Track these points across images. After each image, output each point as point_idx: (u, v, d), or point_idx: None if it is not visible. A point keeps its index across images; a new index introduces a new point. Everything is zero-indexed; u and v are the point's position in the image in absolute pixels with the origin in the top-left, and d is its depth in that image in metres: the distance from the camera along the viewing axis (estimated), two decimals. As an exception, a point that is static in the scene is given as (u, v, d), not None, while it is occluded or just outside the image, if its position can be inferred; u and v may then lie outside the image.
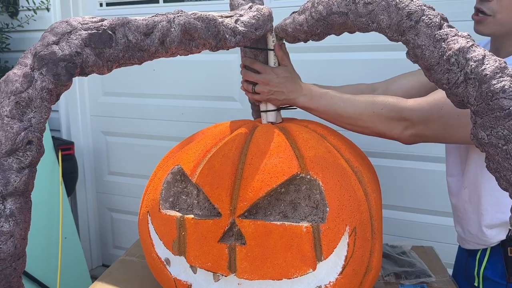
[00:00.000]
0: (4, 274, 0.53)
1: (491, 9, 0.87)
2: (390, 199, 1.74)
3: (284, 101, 0.96)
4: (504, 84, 0.53)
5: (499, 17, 0.87)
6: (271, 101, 0.97)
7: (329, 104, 0.93)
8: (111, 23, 0.62)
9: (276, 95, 0.95)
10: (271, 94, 0.95)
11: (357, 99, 0.91)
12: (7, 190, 0.53)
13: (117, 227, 2.43)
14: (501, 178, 0.55)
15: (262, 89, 0.95)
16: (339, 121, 0.94)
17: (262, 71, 0.96)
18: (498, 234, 0.97)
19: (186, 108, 2.09)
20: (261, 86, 0.95)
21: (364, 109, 0.90)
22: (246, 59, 0.98)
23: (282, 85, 0.95)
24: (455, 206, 1.06)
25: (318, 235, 0.74)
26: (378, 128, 0.90)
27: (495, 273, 0.99)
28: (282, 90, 0.95)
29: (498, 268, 0.98)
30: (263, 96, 0.96)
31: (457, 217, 1.06)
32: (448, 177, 1.07)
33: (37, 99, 0.55)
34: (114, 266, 1.11)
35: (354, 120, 0.91)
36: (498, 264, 0.98)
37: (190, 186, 0.84)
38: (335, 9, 0.73)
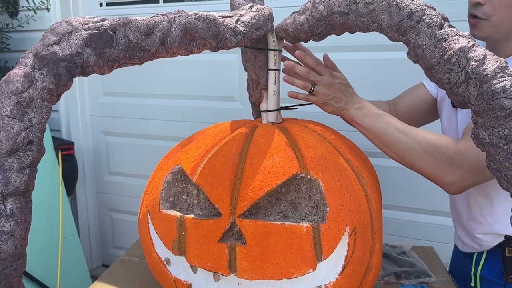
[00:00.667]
0: (4, 274, 0.53)
1: (484, 13, 0.87)
2: (390, 199, 1.74)
3: (338, 109, 0.94)
4: (505, 83, 0.53)
5: (493, 20, 0.86)
6: (325, 105, 0.95)
7: (383, 128, 0.89)
8: (112, 23, 0.62)
9: (334, 101, 0.93)
10: (329, 98, 0.93)
11: (413, 132, 0.87)
12: (8, 190, 0.53)
13: (117, 227, 2.43)
14: (502, 178, 0.55)
15: (323, 91, 0.93)
16: (387, 148, 0.91)
17: (325, 74, 0.93)
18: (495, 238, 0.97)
19: (186, 108, 2.09)
20: (322, 88, 0.93)
21: (417, 146, 0.86)
22: (310, 58, 0.94)
23: (342, 93, 0.93)
24: (458, 211, 1.06)
25: (318, 235, 0.74)
26: (425, 170, 0.87)
27: (492, 273, 0.99)
28: (340, 97, 0.93)
29: (496, 268, 0.98)
30: (320, 99, 0.94)
31: (460, 222, 1.06)
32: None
33: (38, 99, 0.55)
34: (114, 266, 1.11)
35: (403, 153, 0.88)
36: (496, 264, 0.98)
37: (190, 186, 0.84)
38: (336, 9, 0.73)
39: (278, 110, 0.98)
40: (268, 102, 0.97)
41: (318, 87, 0.94)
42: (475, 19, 0.89)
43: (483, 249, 1.00)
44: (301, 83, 0.95)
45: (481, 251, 1.01)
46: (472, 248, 1.02)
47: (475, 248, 1.01)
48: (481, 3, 0.87)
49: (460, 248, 1.09)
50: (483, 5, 0.87)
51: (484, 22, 0.87)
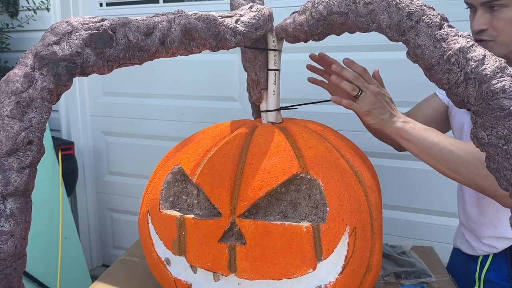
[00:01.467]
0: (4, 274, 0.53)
1: (490, 35, 0.88)
2: (390, 199, 1.74)
3: (382, 122, 0.90)
4: (504, 84, 0.53)
5: (500, 40, 0.87)
6: (369, 115, 0.91)
7: (434, 141, 0.85)
8: (112, 23, 0.62)
9: (378, 111, 0.90)
10: (374, 107, 0.90)
11: (465, 145, 0.83)
12: (8, 190, 0.53)
13: (117, 227, 2.43)
14: (501, 178, 0.55)
15: (369, 100, 0.90)
16: (439, 163, 0.86)
17: (373, 83, 0.91)
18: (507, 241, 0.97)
19: (186, 108, 2.09)
20: (368, 96, 0.90)
21: (472, 158, 0.81)
22: (357, 66, 0.92)
23: (388, 104, 0.91)
24: (469, 215, 1.05)
25: (318, 235, 0.74)
26: (482, 183, 0.81)
27: (498, 275, 0.98)
28: (387, 108, 0.90)
29: (502, 270, 0.98)
30: (365, 107, 0.90)
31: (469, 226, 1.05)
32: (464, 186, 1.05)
33: (38, 99, 0.55)
34: (114, 266, 1.11)
35: (458, 167, 0.83)
36: (502, 267, 0.98)
37: (190, 186, 0.84)
38: (335, 9, 0.73)
39: (278, 110, 0.98)
40: (268, 102, 0.97)
41: (364, 94, 0.90)
42: (482, 42, 0.89)
43: (492, 252, 0.99)
44: (349, 85, 0.91)
45: (488, 254, 1.00)
46: (481, 251, 1.01)
47: (484, 251, 1.01)
48: (484, 29, 0.88)
49: (464, 251, 1.08)
50: (486, 30, 0.88)
51: (492, 43, 0.88)
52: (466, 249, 1.07)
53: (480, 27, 0.88)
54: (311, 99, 1.16)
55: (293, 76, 1.77)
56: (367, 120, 0.92)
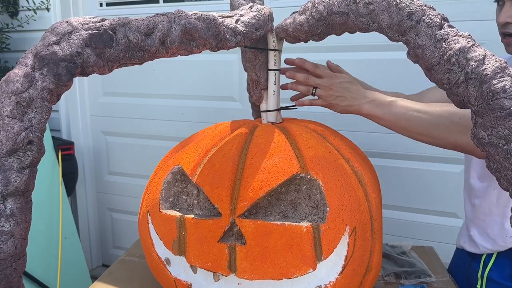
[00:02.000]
0: (4, 274, 0.53)
1: None
2: (390, 199, 1.74)
3: (347, 108, 0.94)
4: (505, 84, 0.53)
5: None
6: (332, 106, 0.96)
7: (400, 112, 0.88)
8: (112, 23, 0.62)
9: (338, 101, 0.94)
10: (333, 98, 0.94)
11: (431, 108, 0.86)
12: (8, 190, 0.53)
13: (117, 227, 2.43)
14: (502, 178, 0.55)
15: (324, 94, 0.95)
16: (410, 131, 0.88)
17: (325, 76, 0.95)
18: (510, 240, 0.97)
19: (186, 108, 2.09)
20: (323, 91, 0.95)
21: (441, 119, 0.84)
22: (308, 64, 0.97)
23: (345, 90, 0.94)
24: (477, 208, 1.04)
25: (318, 235, 0.74)
26: (456, 139, 0.84)
27: (501, 275, 0.98)
28: (345, 95, 0.93)
29: (505, 270, 0.97)
30: (324, 101, 0.95)
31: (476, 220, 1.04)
32: (472, 179, 1.05)
33: (38, 99, 0.55)
34: (114, 266, 1.11)
35: (429, 131, 0.86)
36: (505, 266, 0.98)
37: (190, 186, 0.84)
38: (335, 9, 0.73)
39: (278, 110, 0.98)
40: (268, 102, 0.97)
41: (319, 90, 0.95)
42: (508, 39, 0.90)
43: (496, 250, 0.99)
44: (303, 88, 0.97)
45: (491, 252, 1.00)
46: (484, 248, 1.01)
47: (487, 248, 1.01)
48: (510, 22, 0.88)
49: (468, 249, 1.08)
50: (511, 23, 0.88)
51: None
52: (469, 247, 1.07)
53: (506, 20, 0.88)
54: (311, 99, 1.16)
55: (293, 76, 1.77)
56: (333, 110, 0.96)
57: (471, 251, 1.06)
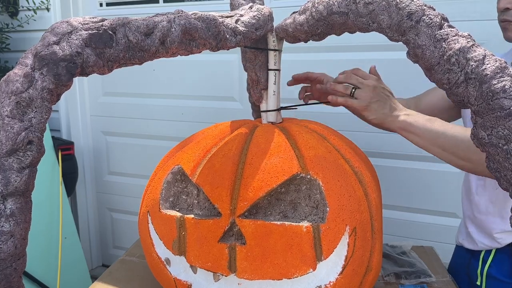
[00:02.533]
0: (4, 274, 0.53)
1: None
2: (390, 199, 1.74)
3: (383, 116, 0.88)
4: (505, 84, 0.53)
5: None
6: (368, 111, 0.89)
7: (439, 131, 0.82)
8: (112, 23, 0.62)
9: (378, 105, 0.88)
10: (373, 101, 0.88)
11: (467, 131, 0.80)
12: (8, 190, 0.53)
13: (117, 227, 2.43)
14: (502, 178, 0.55)
15: (365, 94, 0.88)
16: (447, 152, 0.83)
17: (369, 78, 0.90)
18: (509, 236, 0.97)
19: (186, 108, 2.09)
20: (364, 91, 0.88)
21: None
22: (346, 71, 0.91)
23: (387, 98, 0.88)
24: (475, 206, 1.04)
25: (318, 235, 0.74)
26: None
27: (500, 271, 0.98)
28: (387, 101, 0.88)
29: (504, 266, 0.98)
30: (363, 102, 0.88)
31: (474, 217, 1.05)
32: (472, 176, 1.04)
33: (38, 99, 0.55)
34: (114, 266, 1.11)
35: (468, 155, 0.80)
36: (504, 263, 0.98)
37: (190, 186, 0.84)
38: (335, 9, 0.73)
39: (278, 110, 0.98)
40: (268, 102, 0.97)
41: (360, 90, 0.88)
42: (505, 22, 0.90)
43: (494, 247, 1.00)
44: (341, 87, 0.90)
45: (490, 249, 1.01)
46: (483, 245, 1.02)
47: (486, 245, 1.01)
48: (509, 8, 0.89)
49: (466, 246, 1.08)
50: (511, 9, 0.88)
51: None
52: (468, 244, 1.07)
53: (506, 5, 0.88)
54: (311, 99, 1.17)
55: (293, 76, 1.77)
56: (366, 116, 0.90)
57: (470, 248, 1.06)
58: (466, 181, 1.09)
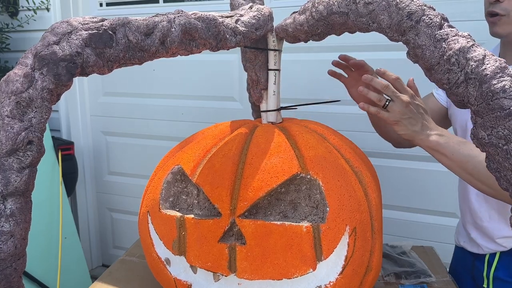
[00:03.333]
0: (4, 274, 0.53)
1: (503, 9, 0.88)
2: (390, 199, 1.74)
3: (413, 133, 0.85)
4: (505, 84, 0.53)
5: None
6: (398, 126, 0.86)
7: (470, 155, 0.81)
8: (112, 23, 0.62)
9: (409, 122, 0.85)
10: (405, 118, 0.85)
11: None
12: (8, 190, 0.53)
13: (117, 227, 2.43)
14: (502, 178, 0.55)
15: (398, 109, 0.85)
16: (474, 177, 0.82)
17: (406, 92, 0.87)
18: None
19: (186, 108, 2.09)
20: (398, 106, 0.85)
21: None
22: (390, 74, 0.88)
23: (420, 115, 0.86)
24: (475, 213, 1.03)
25: (318, 235, 0.74)
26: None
27: (508, 273, 0.98)
28: (417, 120, 0.85)
29: (511, 268, 0.97)
30: (394, 116, 0.86)
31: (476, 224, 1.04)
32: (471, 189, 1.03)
33: (38, 99, 0.55)
34: (114, 266, 1.11)
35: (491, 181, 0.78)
36: (511, 265, 0.97)
37: (190, 186, 0.84)
38: (335, 9, 0.73)
39: (278, 110, 0.98)
40: (268, 102, 0.97)
41: (393, 103, 0.86)
42: (494, 17, 0.89)
43: (499, 250, 0.99)
44: (375, 96, 0.87)
45: (495, 252, 1.00)
46: (488, 249, 1.01)
47: (491, 249, 1.00)
48: (499, 0, 0.88)
49: (469, 249, 1.07)
50: (501, 2, 0.88)
51: (505, 19, 0.88)
52: (471, 248, 1.06)
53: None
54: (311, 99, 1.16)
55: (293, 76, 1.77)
56: (397, 130, 0.87)
57: (474, 251, 1.05)
58: (463, 190, 1.08)
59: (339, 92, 1.66)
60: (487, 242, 1.01)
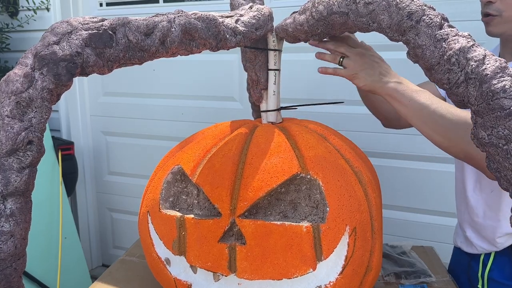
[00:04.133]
0: (4, 274, 0.53)
1: (496, 9, 0.89)
2: (390, 199, 1.74)
3: (372, 83, 0.86)
4: (505, 84, 0.53)
5: (506, 16, 0.89)
6: (356, 79, 0.88)
7: (425, 104, 0.80)
8: (112, 23, 0.62)
9: (366, 72, 0.87)
10: (361, 69, 0.87)
11: (457, 110, 0.78)
12: (8, 190, 0.53)
13: (117, 227, 2.43)
14: (502, 178, 0.55)
15: (353, 63, 0.87)
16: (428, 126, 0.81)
17: (357, 47, 0.89)
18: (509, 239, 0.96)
19: (186, 108, 2.09)
20: (352, 60, 0.88)
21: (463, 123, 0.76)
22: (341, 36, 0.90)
23: (376, 65, 0.87)
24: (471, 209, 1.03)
25: (318, 235, 0.74)
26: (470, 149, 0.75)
27: (502, 275, 0.98)
28: (374, 69, 0.86)
29: (506, 269, 0.97)
30: (350, 71, 0.88)
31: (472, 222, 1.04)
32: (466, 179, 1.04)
33: (38, 99, 0.55)
34: (114, 266, 1.11)
35: (447, 132, 0.79)
36: (505, 266, 0.97)
37: (190, 186, 0.84)
38: (335, 9, 0.73)
39: (278, 110, 0.98)
40: (268, 102, 0.97)
41: (348, 58, 0.88)
42: (488, 17, 0.91)
43: (493, 250, 0.99)
44: (329, 57, 0.91)
45: (489, 252, 1.00)
46: (482, 249, 1.01)
47: (485, 249, 1.00)
48: (491, 1, 0.89)
49: (465, 249, 1.07)
50: (494, 3, 0.89)
51: (498, 19, 0.89)
52: (466, 248, 1.07)
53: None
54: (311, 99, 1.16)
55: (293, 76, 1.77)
56: (356, 83, 0.89)
57: (469, 251, 1.06)
58: (461, 186, 1.08)
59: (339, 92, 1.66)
60: (481, 241, 1.01)
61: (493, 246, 0.99)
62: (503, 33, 0.92)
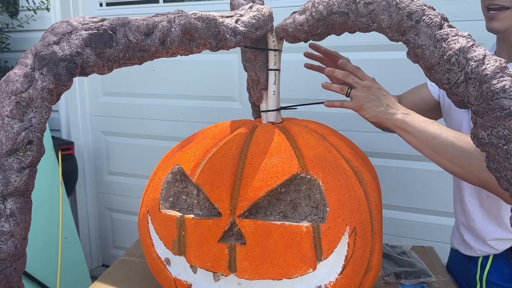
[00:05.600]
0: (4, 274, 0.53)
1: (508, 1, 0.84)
2: (390, 199, 1.74)
3: (379, 114, 0.88)
4: (505, 84, 0.53)
5: None
6: (363, 110, 0.90)
7: (435, 133, 0.81)
8: (112, 23, 0.62)
9: (373, 104, 0.89)
10: (368, 101, 0.89)
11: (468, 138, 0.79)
12: (8, 190, 0.53)
13: (117, 227, 2.43)
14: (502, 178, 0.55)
15: (360, 94, 0.89)
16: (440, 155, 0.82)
17: (365, 79, 0.91)
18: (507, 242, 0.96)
19: (186, 108, 2.09)
20: (359, 91, 0.90)
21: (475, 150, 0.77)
22: (350, 65, 0.93)
23: (383, 97, 0.89)
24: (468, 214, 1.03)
25: (318, 235, 0.74)
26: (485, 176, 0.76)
27: (500, 277, 0.97)
28: (381, 101, 0.89)
29: (504, 272, 0.97)
30: (357, 102, 0.90)
31: (468, 225, 1.04)
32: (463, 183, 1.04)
33: (38, 99, 0.55)
34: (114, 266, 1.11)
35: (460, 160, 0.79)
36: (504, 268, 0.97)
37: (190, 186, 0.84)
38: (335, 9, 0.73)
39: (278, 110, 0.98)
40: (268, 102, 0.97)
41: (355, 90, 0.90)
42: (495, 12, 0.86)
43: (492, 253, 0.99)
44: (337, 87, 0.93)
45: (487, 255, 1.00)
46: (481, 252, 1.01)
47: (484, 251, 1.00)
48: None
49: (462, 251, 1.07)
50: None
51: (509, 12, 0.84)
52: (464, 250, 1.06)
53: None
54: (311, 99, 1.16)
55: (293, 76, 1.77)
56: (363, 115, 0.91)
57: (467, 254, 1.05)
58: (458, 190, 1.08)
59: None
60: (480, 245, 1.01)
61: (492, 248, 0.98)
62: (508, 29, 0.87)
